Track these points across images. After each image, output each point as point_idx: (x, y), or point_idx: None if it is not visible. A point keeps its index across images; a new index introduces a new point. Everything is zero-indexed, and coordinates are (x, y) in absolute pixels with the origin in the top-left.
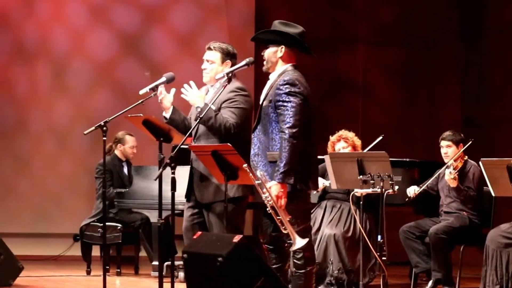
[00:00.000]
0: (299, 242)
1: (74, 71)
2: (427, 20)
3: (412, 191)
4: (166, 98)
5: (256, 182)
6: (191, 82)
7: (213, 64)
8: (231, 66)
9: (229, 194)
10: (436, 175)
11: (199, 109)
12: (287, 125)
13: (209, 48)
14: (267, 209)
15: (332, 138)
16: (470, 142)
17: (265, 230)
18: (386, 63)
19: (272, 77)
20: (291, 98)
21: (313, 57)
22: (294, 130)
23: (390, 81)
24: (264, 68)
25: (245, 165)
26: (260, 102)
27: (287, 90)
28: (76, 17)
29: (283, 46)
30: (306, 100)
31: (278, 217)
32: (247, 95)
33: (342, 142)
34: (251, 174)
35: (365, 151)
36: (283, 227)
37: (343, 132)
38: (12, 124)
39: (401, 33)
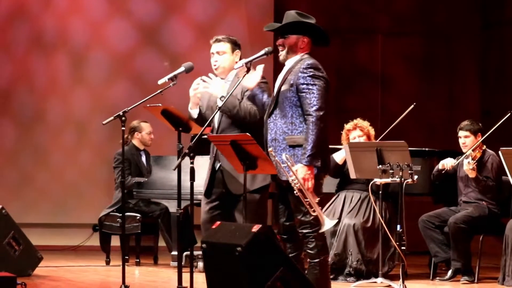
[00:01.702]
0: (328, 223)
1: (92, 62)
2: (446, 10)
3: (450, 162)
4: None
5: (283, 165)
6: (210, 74)
7: (224, 54)
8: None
9: (262, 182)
10: (458, 160)
11: (223, 99)
12: (314, 108)
13: (217, 40)
14: (295, 191)
15: (347, 126)
16: (509, 114)
17: (278, 220)
18: (405, 53)
19: (289, 63)
20: (316, 81)
21: (327, 47)
22: (321, 113)
23: (409, 72)
24: (281, 58)
25: (270, 148)
26: (276, 88)
27: (311, 73)
28: (95, 7)
29: (305, 36)
30: (328, 85)
31: (306, 200)
32: (267, 81)
33: (358, 130)
34: (276, 157)
35: (397, 120)
36: (312, 209)
37: (358, 121)
38: (31, 115)
39: (420, 23)
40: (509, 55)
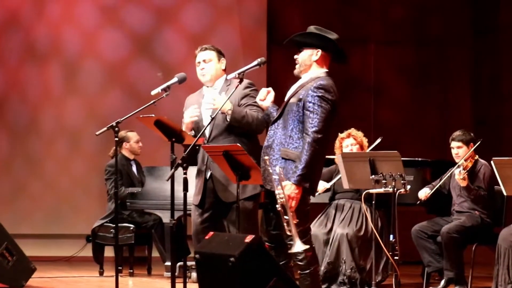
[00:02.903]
0: (299, 246)
1: (86, 71)
2: (438, 19)
3: (423, 193)
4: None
5: (274, 177)
6: (205, 90)
7: (210, 62)
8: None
9: (254, 190)
10: (448, 174)
11: (230, 111)
12: (314, 129)
13: (203, 49)
14: (277, 206)
15: (341, 135)
16: (479, 142)
17: (266, 228)
18: (397, 62)
19: (305, 77)
20: (323, 104)
21: (345, 64)
22: (319, 136)
23: (401, 80)
24: (296, 71)
25: (266, 157)
26: (286, 98)
27: (321, 94)
28: (88, 17)
29: (319, 50)
30: (334, 109)
31: (285, 217)
32: (256, 89)
33: (351, 139)
34: (270, 169)
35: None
36: (288, 228)
37: (352, 130)
38: (24, 124)
39: (412, 32)
40: (502, 63)
